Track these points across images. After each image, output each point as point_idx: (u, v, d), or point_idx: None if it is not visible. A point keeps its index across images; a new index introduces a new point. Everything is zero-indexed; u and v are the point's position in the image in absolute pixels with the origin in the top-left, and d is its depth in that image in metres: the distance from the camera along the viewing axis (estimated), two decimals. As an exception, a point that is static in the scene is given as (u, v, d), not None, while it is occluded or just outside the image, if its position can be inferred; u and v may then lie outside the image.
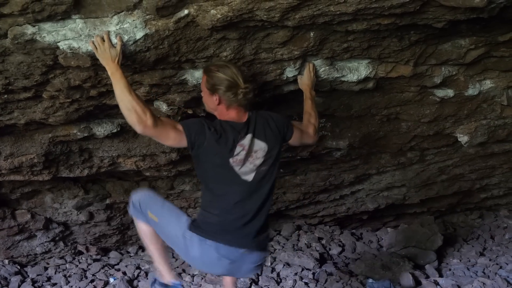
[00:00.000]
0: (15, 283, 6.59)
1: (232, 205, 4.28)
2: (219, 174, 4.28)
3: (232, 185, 4.28)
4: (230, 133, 4.20)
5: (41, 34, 3.89)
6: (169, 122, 4.13)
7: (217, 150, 4.19)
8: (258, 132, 4.33)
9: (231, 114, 4.29)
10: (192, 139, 4.12)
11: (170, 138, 4.10)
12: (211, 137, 4.13)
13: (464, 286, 6.73)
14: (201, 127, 4.15)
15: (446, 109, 5.68)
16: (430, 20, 4.05)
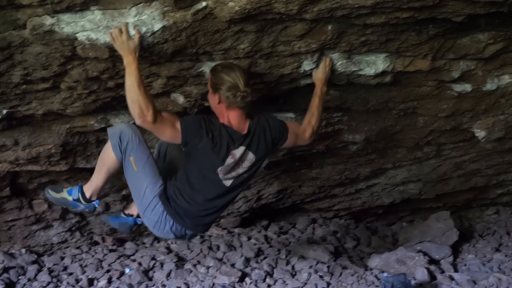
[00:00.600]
0: (32, 272, 6.61)
1: (203, 200, 4.61)
2: (203, 174, 4.51)
3: (211, 185, 4.55)
4: (225, 142, 4.38)
5: (59, 25, 3.91)
6: (169, 120, 4.25)
7: (210, 157, 4.40)
8: (252, 145, 4.51)
9: (230, 116, 4.41)
10: (187, 139, 4.31)
11: (166, 135, 4.30)
12: (207, 143, 4.31)
13: (479, 281, 6.69)
14: (199, 130, 4.30)
15: (464, 104, 5.65)
16: (449, 14, 4.04)
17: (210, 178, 4.50)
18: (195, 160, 4.45)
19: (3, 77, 4.37)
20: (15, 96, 4.68)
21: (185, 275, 6.82)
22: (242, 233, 8.05)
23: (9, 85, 4.50)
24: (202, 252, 7.41)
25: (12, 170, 5.78)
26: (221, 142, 4.34)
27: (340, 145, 6.32)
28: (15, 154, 5.45)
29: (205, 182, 4.53)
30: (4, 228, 6.80)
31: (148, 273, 6.85)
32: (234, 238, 7.90)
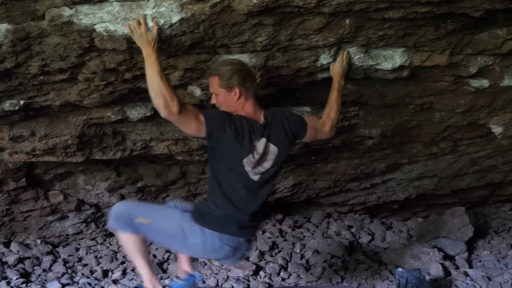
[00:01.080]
0: (46, 263, 6.64)
1: (236, 199, 4.45)
2: (230, 168, 4.41)
3: (239, 181, 4.43)
4: (247, 132, 4.32)
5: (78, 17, 3.92)
6: (193, 112, 4.20)
7: (234, 148, 4.30)
8: (272, 136, 4.46)
9: (247, 107, 4.40)
10: (212, 131, 4.22)
11: (191, 127, 4.21)
12: (230, 135, 4.24)
13: (494, 278, 6.68)
14: (222, 122, 4.24)
15: (481, 99, 5.64)
16: (468, 9, 4.03)
17: (237, 171, 4.39)
18: (220, 153, 4.38)
19: (21, 68, 4.39)
20: (33, 87, 4.70)
21: (199, 268, 6.84)
22: (257, 227, 8.06)
23: (26, 76, 4.51)
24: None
25: (28, 161, 5.80)
26: (243, 132, 4.29)
27: (356, 140, 6.32)
28: (32, 145, 5.47)
29: (232, 177, 4.42)
30: (20, 218, 6.83)
31: (163, 265, 6.88)
32: (248, 231, 7.90)
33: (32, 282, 6.16)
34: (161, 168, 6.78)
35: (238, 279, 6.54)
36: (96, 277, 6.45)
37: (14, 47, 4.11)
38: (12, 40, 4.04)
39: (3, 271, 6.27)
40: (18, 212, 6.71)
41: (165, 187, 7.08)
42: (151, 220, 4.51)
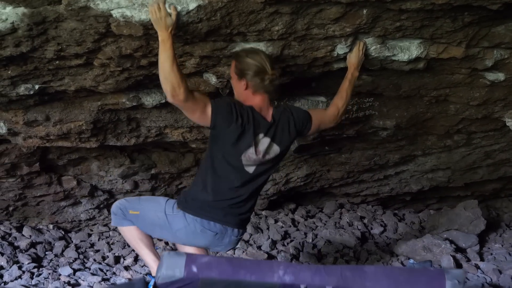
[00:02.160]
0: (59, 248, 6.66)
1: (228, 189, 4.53)
2: (228, 158, 4.46)
3: (234, 171, 4.49)
4: (252, 129, 4.36)
5: (94, 2, 3.91)
6: (201, 100, 4.24)
7: (235, 142, 4.37)
8: (277, 136, 4.52)
9: (256, 101, 4.41)
10: (216, 124, 4.29)
11: (195, 115, 4.28)
12: (235, 129, 4.30)
13: (505, 271, 6.67)
14: (229, 115, 4.28)
15: (496, 92, 5.62)
16: (485, 1, 4.01)
17: (233, 164, 4.46)
18: (221, 144, 4.43)
19: (37, 52, 4.38)
20: (48, 72, 4.70)
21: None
22: (269, 216, 8.08)
23: (42, 60, 4.51)
24: (228, 234, 7.44)
25: (42, 145, 5.80)
26: (248, 128, 4.34)
27: (370, 131, 6.31)
28: (46, 130, 5.47)
29: (228, 168, 4.49)
30: (33, 203, 6.85)
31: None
32: (261, 220, 7.92)
33: (43, 267, 6.18)
34: (175, 155, 6.79)
35: (250, 268, 6.54)
36: (108, 263, 6.47)
37: (30, 31, 4.11)
38: (28, 24, 4.04)
39: (15, 256, 6.29)
40: (31, 196, 6.73)
41: (178, 174, 7.08)
42: (140, 211, 4.71)
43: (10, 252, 6.30)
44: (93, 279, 5.89)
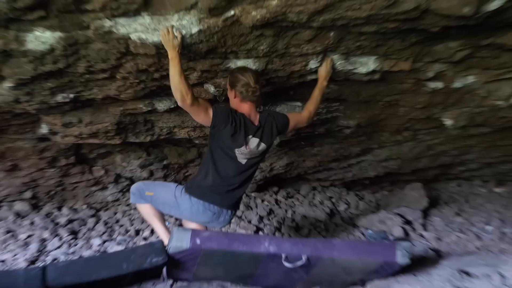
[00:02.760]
0: (91, 223, 6.64)
1: (224, 176, 4.66)
2: (224, 152, 4.57)
3: (230, 162, 4.61)
4: (243, 130, 4.48)
5: (116, 27, 3.89)
6: (204, 105, 4.35)
7: (230, 139, 4.47)
8: (263, 137, 4.62)
9: (244, 108, 4.52)
10: (216, 124, 4.41)
11: (200, 117, 4.36)
12: (229, 129, 4.41)
13: (443, 238, 6.71)
14: (226, 118, 4.40)
15: (436, 98, 5.62)
16: (427, 25, 4.00)
17: (230, 155, 4.56)
18: (219, 140, 4.52)
19: (71, 68, 4.36)
20: (80, 84, 4.67)
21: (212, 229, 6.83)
22: (257, 197, 8.08)
23: (75, 74, 4.48)
24: (225, 211, 7.43)
25: (76, 142, 5.78)
26: (240, 129, 4.45)
27: (336, 129, 6.30)
28: (79, 130, 5.44)
29: (225, 160, 4.59)
30: (70, 188, 6.83)
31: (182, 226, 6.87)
32: (251, 200, 7.92)
33: (79, 238, 6.16)
34: (182, 149, 6.78)
35: (242, 238, 6.55)
36: (130, 235, 6.46)
37: (65, 51, 4.09)
38: (64, 46, 4.02)
39: (56, 230, 6.26)
40: (68, 183, 6.70)
41: (185, 164, 7.07)
42: (154, 193, 4.85)
43: (52, 227, 6.29)
44: (118, 248, 5.88)
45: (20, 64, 4.25)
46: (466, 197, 8.84)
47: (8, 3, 3.54)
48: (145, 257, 4.15)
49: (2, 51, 4.03)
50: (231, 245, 4.18)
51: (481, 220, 7.66)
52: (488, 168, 8.46)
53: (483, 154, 7.68)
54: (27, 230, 6.13)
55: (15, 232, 6.05)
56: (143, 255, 4.17)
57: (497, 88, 5.42)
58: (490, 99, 5.60)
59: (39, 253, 5.57)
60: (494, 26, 4.19)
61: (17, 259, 5.32)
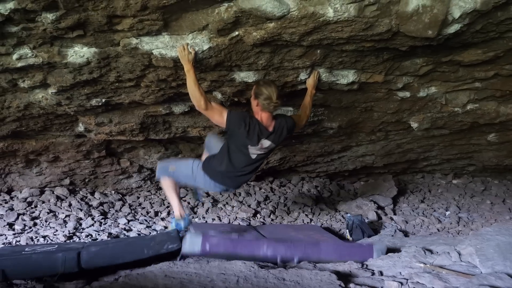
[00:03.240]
0: (118, 206, 6.64)
1: (236, 166, 4.70)
2: (239, 149, 4.60)
3: (242, 156, 4.66)
4: (256, 134, 4.49)
5: (141, 44, 3.93)
6: (218, 109, 4.37)
7: (244, 139, 4.49)
8: (275, 139, 4.62)
9: (263, 116, 4.49)
10: (229, 126, 4.42)
11: (214, 119, 4.42)
12: (243, 132, 4.42)
13: (410, 221, 6.72)
14: (240, 122, 4.41)
15: (404, 105, 5.63)
16: (398, 45, 4.03)
17: (243, 152, 4.59)
18: (235, 139, 4.54)
19: (103, 77, 4.39)
20: (111, 90, 4.70)
21: (218, 211, 6.86)
22: (256, 185, 8.06)
23: (106, 83, 4.52)
24: (229, 197, 7.42)
25: (107, 139, 5.80)
26: (254, 133, 4.46)
27: (322, 130, 6.28)
28: (109, 129, 5.46)
29: (239, 155, 4.61)
30: (101, 176, 6.83)
31: (194, 209, 6.87)
32: (250, 188, 7.91)
33: (108, 218, 6.16)
34: (194, 145, 6.75)
35: (243, 219, 6.56)
36: (150, 216, 6.46)
37: (99, 63, 4.13)
38: (98, 59, 4.06)
39: (90, 211, 6.27)
40: (100, 172, 6.71)
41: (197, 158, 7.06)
42: (176, 167, 4.93)
43: (86, 209, 6.30)
44: (140, 227, 5.89)
45: (62, 74, 4.29)
46: (428, 187, 8.84)
47: (52, 23, 3.57)
48: (162, 244, 4.23)
49: (47, 63, 4.07)
50: (235, 250, 4.24)
51: (441, 206, 7.68)
52: (447, 163, 8.46)
53: (443, 152, 7.69)
54: (66, 211, 6.14)
55: (56, 212, 6.06)
56: (160, 242, 4.25)
57: (455, 97, 5.44)
58: (449, 106, 5.61)
59: (75, 230, 5.58)
60: (453, 46, 4.23)
61: (57, 235, 5.34)
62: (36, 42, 3.85)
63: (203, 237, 4.23)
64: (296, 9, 3.58)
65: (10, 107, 4.81)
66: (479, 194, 8.33)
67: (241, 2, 3.53)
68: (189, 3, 3.53)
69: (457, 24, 3.71)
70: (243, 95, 4.96)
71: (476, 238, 3.96)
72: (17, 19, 3.54)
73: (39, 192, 6.56)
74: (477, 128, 6.43)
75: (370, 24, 3.70)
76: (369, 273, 3.79)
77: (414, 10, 3.59)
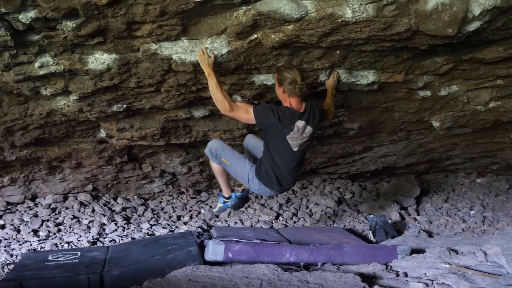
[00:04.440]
0: (140, 211, 6.68)
1: (282, 163, 4.59)
2: (278, 142, 4.48)
3: (285, 151, 4.52)
4: (290, 118, 4.35)
5: (161, 50, 3.97)
6: (243, 107, 4.31)
7: (279, 128, 4.36)
8: (309, 120, 4.46)
9: (291, 101, 4.36)
10: (260, 121, 4.32)
11: (242, 118, 4.35)
12: (275, 120, 4.29)
13: (434, 221, 6.65)
14: (268, 113, 4.30)
15: (425, 104, 5.59)
16: (417, 44, 4.01)
17: (282, 144, 4.49)
18: (270, 133, 4.47)
19: (124, 83, 4.43)
20: (131, 96, 4.73)
21: (240, 215, 6.86)
22: (277, 188, 8.06)
23: (127, 88, 4.56)
24: (251, 199, 7.42)
25: (128, 144, 5.84)
26: (285, 118, 4.34)
27: (342, 131, 6.27)
28: (131, 134, 5.50)
29: (279, 148, 4.53)
30: (123, 182, 6.88)
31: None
32: (272, 190, 7.91)
33: (131, 223, 6.20)
34: (215, 149, 6.80)
35: (265, 222, 6.57)
36: (172, 220, 6.49)
37: (119, 69, 4.17)
38: (118, 65, 4.10)
39: (113, 216, 6.32)
40: (122, 177, 6.76)
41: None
42: (230, 163, 4.83)
43: (109, 214, 6.34)
44: (163, 231, 5.92)
45: (83, 81, 4.33)
46: (452, 186, 8.77)
47: (73, 31, 3.62)
48: (184, 263, 4.22)
49: (68, 71, 4.12)
50: (257, 257, 4.23)
51: (465, 206, 7.60)
52: (470, 162, 8.39)
53: (466, 151, 7.63)
54: (89, 217, 6.19)
55: (79, 218, 6.12)
56: (182, 261, 4.24)
57: (477, 95, 5.40)
58: (471, 104, 5.57)
59: (98, 235, 5.62)
60: (474, 44, 4.19)
61: (81, 241, 5.39)
62: (57, 50, 3.90)
63: (226, 245, 4.23)
64: (314, 11, 3.58)
65: (33, 114, 4.88)
66: (503, 193, 8.23)
67: (259, 5, 3.55)
68: (207, 7, 3.56)
69: (477, 22, 3.68)
70: (263, 98, 4.97)
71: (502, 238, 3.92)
72: (38, 27, 3.59)
73: (63, 198, 6.63)
74: (500, 126, 6.37)
75: (389, 23, 3.69)
76: (393, 274, 3.77)
77: (433, 9, 3.58)
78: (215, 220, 6.55)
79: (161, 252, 4.43)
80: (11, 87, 4.35)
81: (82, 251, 4.81)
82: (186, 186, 7.55)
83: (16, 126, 5.07)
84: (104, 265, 4.32)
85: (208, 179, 7.48)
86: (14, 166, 6.04)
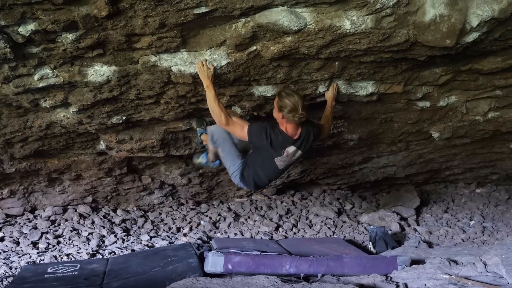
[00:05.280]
0: (140, 223, 6.66)
1: (264, 175, 4.72)
2: (265, 160, 4.56)
3: (270, 167, 4.62)
4: (282, 143, 4.38)
5: (160, 61, 3.97)
6: (238, 123, 4.30)
7: (269, 152, 4.43)
8: (301, 145, 4.47)
9: (288, 127, 4.34)
10: (252, 140, 4.35)
11: (236, 133, 4.36)
12: (267, 144, 4.34)
13: (433, 232, 6.65)
14: (262, 135, 4.33)
15: (424, 114, 5.60)
16: (416, 55, 4.02)
17: (269, 164, 4.55)
18: (260, 151, 4.50)
19: (123, 95, 4.44)
20: (131, 108, 4.74)
21: (240, 226, 6.85)
22: (277, 199, 8.05)
23: (127, 100, 4.56)
24: (251, 211, 7.41)
25: (128, 156, 5.84)
26: (277, 143, 4.36)
27: (342, 141, 6.28)
28: (130, 145, 5.50)
29: (265, 165, 4.58)
30: (123, 193, 6.87)
31: (216, 224, 6.87)
32: (272, 201, 7.89)
33: (131, 235, 6.19)
34: (215, 160, 6.81)
35: (265, 233, 6.54)
36: (172, 232, 6.47)
37: (119, 81, 4.17)
38: (118, 77, 4.11)
39: (112, 228, 6.30)
40: (122, 189, 6.75)
41: (216, 173, 7.05)
42: (224, 155, 4.81)
43: (109, 226, 6.33)
44: (163, 243, 5.91)
45: (82, 93, 4.34)
46: (452, 197, 8.77)
47: (72, 43, 3.63)
48: (184, 275, 4.22)
49: (68, 83, 4.12)
50: (257, 269, 4.23)
51: (465, 216, 7.60)
52: (470, 172, 8.40)
53: (465, 161, 7.64)
54: (89, 229, 6.17)
55: (79, 230, 6.10)
56: (181, 273, 4.24)
57: (476, 106, 5.41)
58: (470, 115, 5.58)
59: (98, 247, 5.61)
60: (472, 54, 4.21)
61: (81, 253, 5.37)
62: (56, 62, 3.91)
63: (225, 257, 4.23)
64: (313, 23, 3.59)
65: (33, 126, 4.88)
66: (503, 203, 8.23)
67: (258, 17, 3.56)
68: (207, 19, 3.57)
69: (476, 33, 3.70)
70: (262, 109, 4.97)
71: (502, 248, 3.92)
72: (37, 40, 3.60)
73: (62, 210, 6.61)
74: (499, 136, 6.38)
75: (388, 35, 3.70)
76: (393, 285, 3.76)
77: (431, 20, 3.59)
78: (214, 232, 6.53)
79: (160, 264, 4.42)
80: (11, 99, 4.35)
81: (81, 263, 4.80)
82: (186, 197, 7.54)
83: (16, 138, 5.07)
84: (103, 278, 4.30)
85: (207, 190, 7.47)
86: (13, 178, 6.03)
